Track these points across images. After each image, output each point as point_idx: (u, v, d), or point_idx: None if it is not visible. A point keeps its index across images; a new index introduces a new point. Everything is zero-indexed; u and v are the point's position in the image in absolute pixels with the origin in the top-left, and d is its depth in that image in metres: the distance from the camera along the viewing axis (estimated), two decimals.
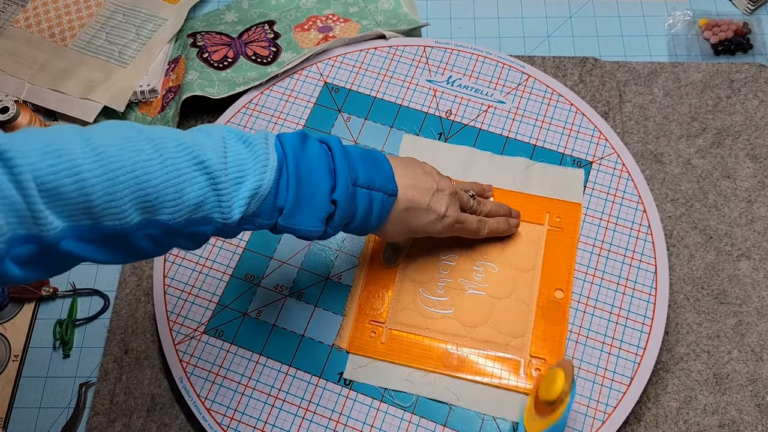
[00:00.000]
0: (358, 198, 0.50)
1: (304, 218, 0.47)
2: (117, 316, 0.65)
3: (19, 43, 0.80)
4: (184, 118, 0.74)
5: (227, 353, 0.61)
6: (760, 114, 0.72)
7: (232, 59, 0.75)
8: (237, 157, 0.44)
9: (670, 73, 0.75)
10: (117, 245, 0.40)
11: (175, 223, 0.41)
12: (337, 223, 0.49)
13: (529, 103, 0.71)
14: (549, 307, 0.61)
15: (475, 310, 0.61)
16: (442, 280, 0.63)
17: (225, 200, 0.43)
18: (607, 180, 0.67)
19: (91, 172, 0.37)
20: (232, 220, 0.44)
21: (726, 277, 0.65)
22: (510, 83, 0.72)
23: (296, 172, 0.46)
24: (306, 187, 0.47)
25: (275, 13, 0.81)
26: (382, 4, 0.81)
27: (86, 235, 0.38)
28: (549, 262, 0.63)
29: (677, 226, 0.67)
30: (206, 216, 0.43)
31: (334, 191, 0.48)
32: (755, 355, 0.62)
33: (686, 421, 0.59)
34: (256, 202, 0.44)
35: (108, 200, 0.38)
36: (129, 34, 0.80)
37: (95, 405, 0.62)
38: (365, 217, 0.51)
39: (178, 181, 0.41)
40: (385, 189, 0.51)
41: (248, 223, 0.46)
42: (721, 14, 0.80)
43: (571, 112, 0.70)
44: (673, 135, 0.72)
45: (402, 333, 0.61)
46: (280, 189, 0.46)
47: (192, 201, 0.41)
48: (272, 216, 0.46)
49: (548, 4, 0.82)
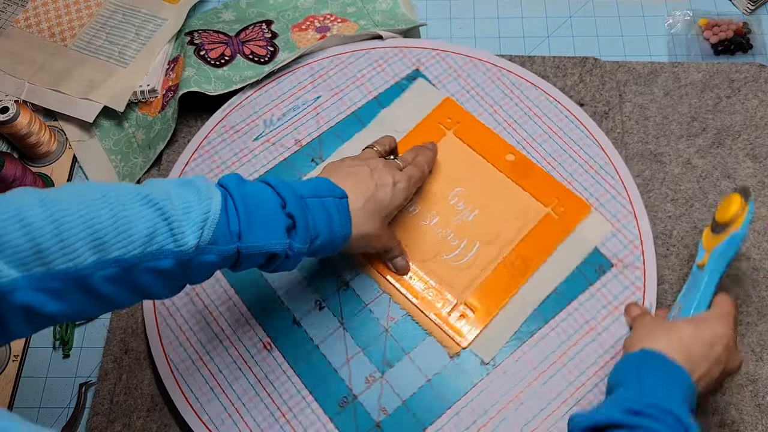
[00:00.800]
0: (311, 208, 0.50)
1: (263, 233, 0.47)
2: (117, 316, 0.65)
3: (19, 43, 0.80)
4: (182, 115, 0.74)
5: None
6: (760, 114, 0.72)
7: (229, 57, 0.75)
8: (179, 194, 0.44)
9: (670, 73, 0.75)
10: (77, 292, 0.40)
11: (130, 257, 0.41)
12: (301, 234, 0.48)
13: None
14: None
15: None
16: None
17: (176, 228, 0.42)
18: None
19: (37, 216, 0.38)
20: (187, 247, 0.43)
21: (726, 277, 0.65)
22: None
23: (242, 197, 0.47)
24: (255, 206, 0.47)
25: (273, 13, 0.81)
26: (379, 4, 0.81)
27: (42, 283, 0.38)
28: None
29: (677, 226, 0.67)
30: (161, 248, 0.42)
31: (285, 207, 0.48)
32: (755, 355, 0.61)
33: None
34: (210, 227, 0.44)
35: (57, 242, 0.38)
36: (129, 34, 0.80)
37: (95, 405, 0.62)
38: (329, 225, 0.51)
39: (125, 215, 0.41)
40: (332, 194, 0.52)
41: (208, 252, 0.44)
42: (721, 14, 0.80)
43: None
44: (673, 135, 0.72)
45: None
46: (229, 213, 0.46)
47: (143, 232, 0.41)
48: (230, 241, 0.45)
49: (548, 4, 0.82)
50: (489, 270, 0.63)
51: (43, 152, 0.74)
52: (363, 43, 0.75)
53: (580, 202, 0.66)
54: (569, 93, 0.73)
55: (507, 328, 0.61)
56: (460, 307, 0.61)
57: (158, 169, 0.72)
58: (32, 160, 0.74)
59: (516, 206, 0.66)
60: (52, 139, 0.74)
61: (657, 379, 0.48)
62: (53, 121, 0.76)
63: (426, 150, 0.65)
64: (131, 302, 0.44)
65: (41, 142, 0.73)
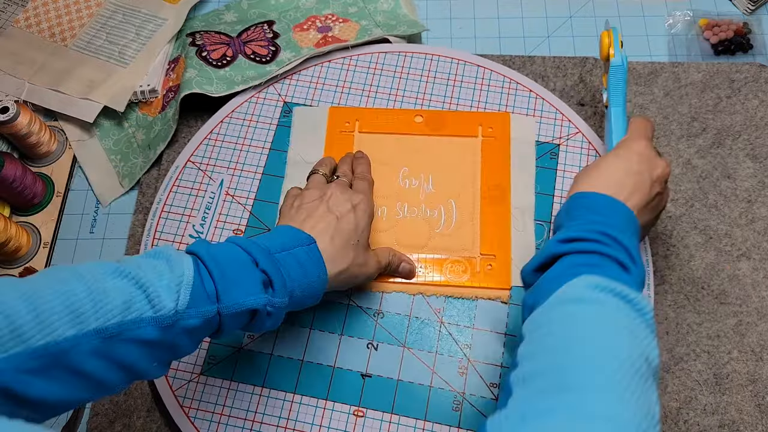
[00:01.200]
0: (282, 262, 0.49)
1: (241, 290, 0.46)
2: None
3: (19, 43, 0.80)
4: (183, 116, 0.74)
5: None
6: (760, 114, 0.72)
7: (231, 58, 0.75)
8: (150, 262, 0.44)
9: (670, 73, 0.75)
10: (59, 371, 0.38)
11: (109, 326, 0.40)
12: (279, 289, 0.48)
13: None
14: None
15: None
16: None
17: (152, 294, 0.42)
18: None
19: (9, 295, 0.37)
20: (166, 311, 0.42)
21: (726, 277, 0.65)
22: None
23: (212, 259, 0.46)
24: (228, 266, 0.46)
25: (274, 13, 0.81)
26: (381, 5, 0.81)
27: (22, 364, 0.37)
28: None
29: (677, 226, 0.67)
30: (140, 316, 0.41)
31: (257, 265, 0.48)
32: (755, 355, 0.61)
33: (686, 422, 0.59)
34: (186, 289, 0.43)
35: (33, 317, 0.37)
36: (129, 34, 0.80)
37: (95, 405, 0.62)
38: (304, 275, 0.50)
39: (99, 286, 0.41)
40: (300, 243, 0.51)
41: (188, 317, 0.44)
42: (721, 14, 0.80)
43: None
44: (673, 135, 0.72)
45: None
46: (203, 275, 0.45)
47: (119, 300, 0.41)
48: (209, 302, 0.45)
49: (548, 4, 0.82)
50: (477, 215, 0.66)
51: (43, 152, 0.74)
52: None
53: (498, 114, 0.71)
54: (569, 93, 0.73)
55: (528, 249, 0.64)
56: (479, 261, 0.63)
57: (158, 169, 0.72)
58: (32, 160, 0.74)
59: (456, 152, 0.69)
60: (52, 139, 0.74)
61: (589, 212, 0.50)
62: (53, 121, 0.76)
63: (359, 159, 0.64)
64: (119, 381, 0.42)
65: (41, 142, 0.73)
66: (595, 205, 0.50)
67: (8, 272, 0.68)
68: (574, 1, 0.82)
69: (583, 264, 0.46)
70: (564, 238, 0.48)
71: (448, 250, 0.64)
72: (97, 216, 0.72)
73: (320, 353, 0.61)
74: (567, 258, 0.47)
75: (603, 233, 0.47)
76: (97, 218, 0.71)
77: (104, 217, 0.72)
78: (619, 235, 0.47)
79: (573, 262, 0.46)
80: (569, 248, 0.47)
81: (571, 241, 0.47)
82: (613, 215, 0.49)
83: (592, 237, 0.47)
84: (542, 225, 0.65)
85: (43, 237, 0.70)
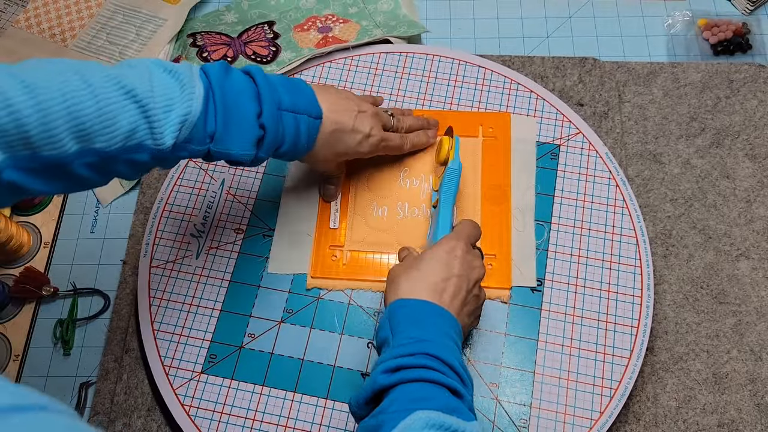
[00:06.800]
0: (284, 121, 0.52)
1: (235, 142, 0.49)
2: (117, 316, 0.65)
3: (19, 43, 0.80)
4: None
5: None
6: (759, 114, 0.72)
7: (232, 59, 0.76)
8: (164, 86, 0.45)
9: (669, 73, 0.75)
10: (58, 175, 0.42)
11: (111, 151, 0.43)
12: (268, 146, 0.52)
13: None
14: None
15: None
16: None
17: (156, 127, 0.45)
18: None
19: (24, 103, 0.39)
20: (165, 146, 0.45)
21: (725, 276, 0.65)
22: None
23: (222, 99, 0.48)
24: (233, 112, 0.49)
25: (275, 14, 0.81)
26: (381, 5, 0.81)
27: (27, 164, 0.40)
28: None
29: (676, 226, 0.67)
30: (140, 143, 0.45)
31: (260, 116, 0.50)
32: (754, 354, 0.62)
33: (685, 421, 0.59)
34: (187, 128, 0.46)
35: (44, 130, 0.40)
36: (129, 35, 0.80)
37: (95, 405, 0.62)
38: (294, 140, 0.53)
39: (109, 110, 0.42)
40: (309, 112, 0.53)
41: (182, 149, 0.47)
42: (721, 14, 0.80)
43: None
44: (673, 135, 0.72)
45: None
46: (208, 115, 0.48)
47: (125, 128, 0.43)
48: (204, 142, 0.48)
49: (548, 4, 0.82)
50: (479, 214, 0.66)
51: None
52: None
53: (499, 114, 0.71)
54: (569, 93, 0.73)
55: (528, 249, 0.64)
56: None
57: (158, 169, 0.72)
58: None
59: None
60: None
61: (413, 326, 0.48)
62: None
63: (423, 134, 0.67)
64: (104, 183, 0.47)
65: None
66: (419, 315, 0.48)
67: (9, 272, 0.68)
68: (574, 2, 0.82)
69: (416, 398, 0.43)
70: (390, 368, 0.45)
71: None
72: (98, 216, 0.72)
73: (321, 353, 0.61)
74: (397, 390, 0.44)
75: (428, 355, 0.45)
76: (98, 218, 0.72)
77: (104, 217, 0.72)
78: (444, 353, 0.45)
79: (405, 396, 0.44)
80: (397, 379, 0.44)
81: (397, 371, 0.45)
82: (436, 326, 0.48)
83: (419, 363, 0.45)
84: (542, 225, 0.65)
85: (44, 237, 0.70)
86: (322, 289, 0.64)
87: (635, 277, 0.63)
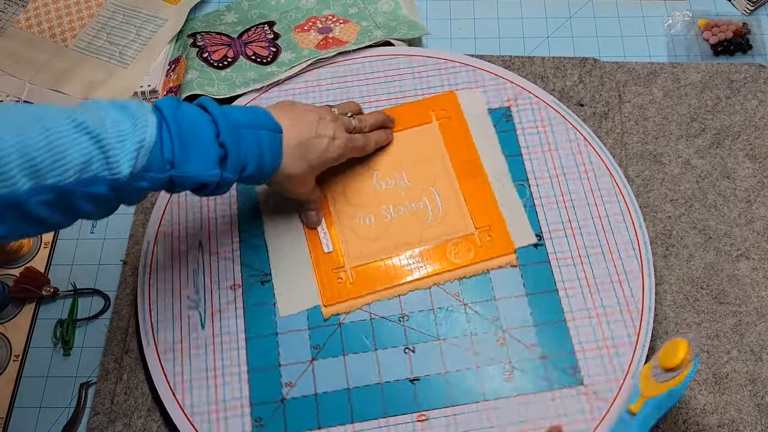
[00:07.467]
0: (245, 138, 0.51)
1: (196, 164, 0.48)
2: (118, 316, 0.65)
3: (19, 43, 0.80)
4: None
5: None
6: (759, 114, 0.72)
7: (232, 59, 0.76)
8: (115, 119, 0.45)
9: (669, 73, 0.75)
10: (15, 215, 0.41)
11: (65, 185, 0.42)
12: (232, 165, 0.50)
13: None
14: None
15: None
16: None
17: (111, 156, 0.43)
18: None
19: None
20: (122, 175, 0.44)
21: (725, 277, 0.65)
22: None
23: (177, 124, 0.48)
24: (190, 137, 0.48)
25: (275, 14, 0.81)
26: (381, 6, 0.81)
27: None
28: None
29: (676, 226, 0.67)
30: (96, 175, 0.43)
31: (219, 136, 0.50)
32: (754, 355, 0.62)
33: (685, 421, 0.59)
34: (144, 155, 0.45)
35: None
36: (129, 35, 0.80)
37: (96, 405, 0.62)
38: (259, 158, 0.53)
39: (60, 143, 0.41)
40: (269, 127, 0.53)
41: (141, 179, 0.46)
42: (721, 15, 0.80)
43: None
44: (673, 135, 0.72)
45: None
46: (164, 141, 0.47)
47: (78, 161, 0.42)
48: (164, 169, 0.47)
49: (548, 4, 0.82)
50: (460, 194, 0.67)
51: None
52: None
53: (445, 95, 0.72)
54: (569, 93, 0.73)
55: (517, 210, 0.66)
56: (478, 235, 0.65)
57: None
58: None
59: (419, 142, 0.70)
60: None
61: None
62: None
63: (383, 133, 0.68)
64: (68, 223, 0.45)
65: None
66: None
67: (9, 272, 0.68)
68: (574, 2, 0.82)
69: None
70: None
71: (444, 235, 0.65)
72: None
73: (362, 376, 0.59)
74: None
75: None
76: None
77: None
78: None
79: None
80: None
81: None
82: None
83: None
84: (522, 185, 0.67)
85: (44, 237, 0.70)
86: (341, 314, 0.62)
87: (620, 205, 0.66)
